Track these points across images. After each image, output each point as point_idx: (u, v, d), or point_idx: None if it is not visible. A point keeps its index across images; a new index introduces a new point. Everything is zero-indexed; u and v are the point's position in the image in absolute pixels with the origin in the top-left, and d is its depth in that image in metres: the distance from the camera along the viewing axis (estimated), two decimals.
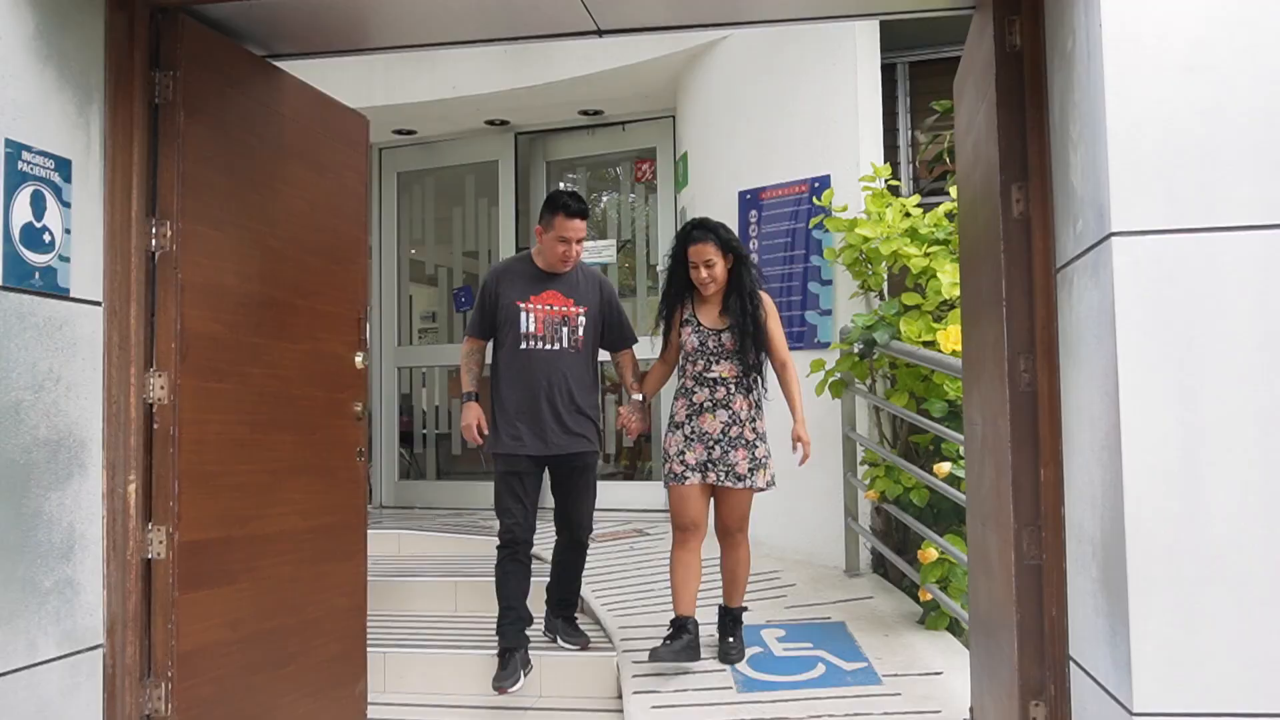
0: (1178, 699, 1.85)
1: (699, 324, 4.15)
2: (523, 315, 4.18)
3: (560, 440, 4.19)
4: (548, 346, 4.18)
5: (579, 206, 4.23)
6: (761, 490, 4.11)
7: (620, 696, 4.12)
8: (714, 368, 4.10)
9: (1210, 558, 1.86)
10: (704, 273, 4.08)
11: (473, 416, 4.20)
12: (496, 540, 4.25)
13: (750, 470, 4.08)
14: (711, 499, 4.16)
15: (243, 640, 3.05)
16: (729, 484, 4.06)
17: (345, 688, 3.55)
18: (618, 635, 4.51)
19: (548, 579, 4.51)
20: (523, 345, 4.17)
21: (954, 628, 4.62)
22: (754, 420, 4.11)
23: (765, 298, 4.17)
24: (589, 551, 4.52)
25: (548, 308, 4.20)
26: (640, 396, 4.33)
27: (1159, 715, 1.86)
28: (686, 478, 4.09)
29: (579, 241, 4.24)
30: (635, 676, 4.09)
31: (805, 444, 4.11)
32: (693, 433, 4.11)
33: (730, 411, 4.07)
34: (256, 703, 3.11)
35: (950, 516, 4.75)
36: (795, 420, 4.12)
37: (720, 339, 4.10)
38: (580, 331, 4.25)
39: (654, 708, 3.80)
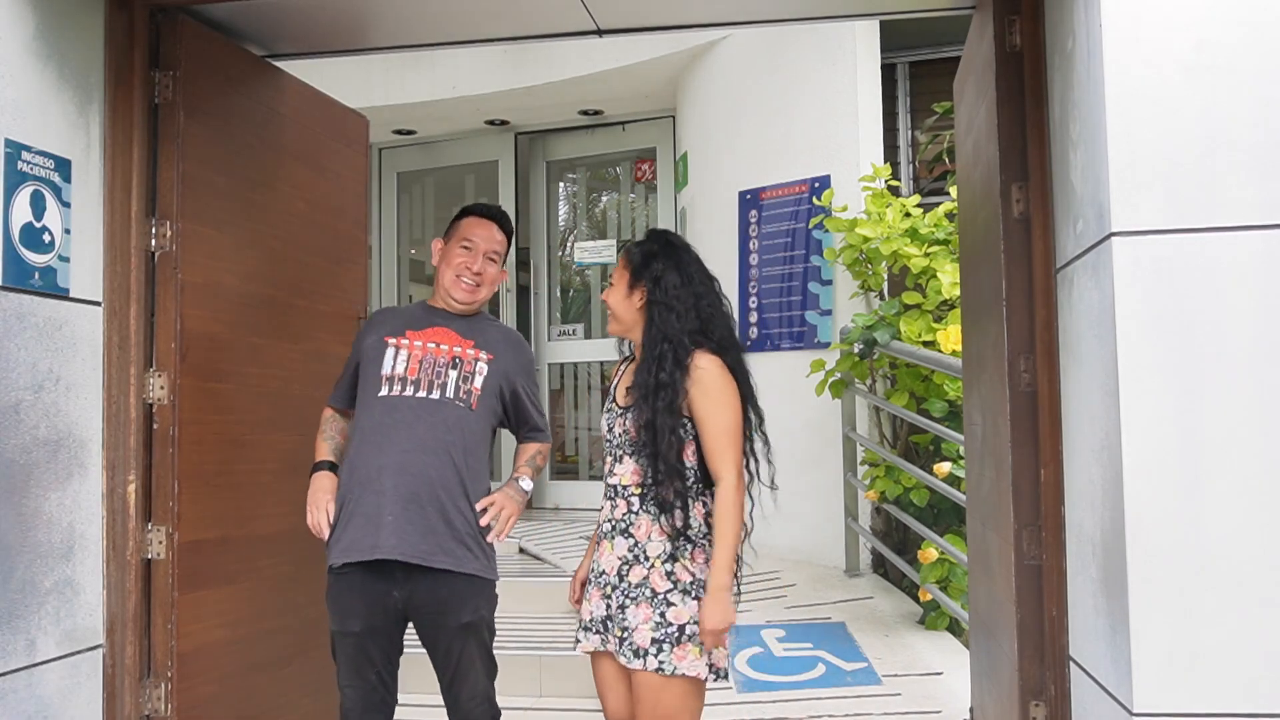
0: (1178, 699, 1.85)
1: (612, 399, 2.67)
2: (388, 353, 2.76)
3: (414, 541, 2.61)
4: (421, 394, 2.70)
5: (495, 211, 2.93)
6: (693, 678, 2.45)
7: None
8: (616, 469, 2.59)
9: (1210, 558, 1.86)
10: (604, 295, 2.70)
11: (322, 494, 2.73)
12: None
13: (657, 643, 2.43)
14: None
15: (243, 640, 3.05)
16: (624, 659, 2.47)
17: None
18: None
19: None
20: (382, 391, 2.72)
21: (954, 628, 4.62)
22: (673, 559, 2.47)
23: (707, 362, 2.52)
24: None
25: (430, 345, 2.77)
26: (526, 482, 2.85)
27: (1159, 715, 1.86)
28: (578, 639, 2.62)
29: (491, 258, 2.84)
30: None
31: (708, 636, 2.42)
32: (594, 569, 2.62)
33: (631, 541, 2.52)
34: (256, 703, 3.10)
35: (950, 516, 4.75)
36: (709, 584, 2.45)
37: (625, 423, 2.56)
38: (477, 380, 2.75)
39: None
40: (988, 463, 2.84)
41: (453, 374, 2.74)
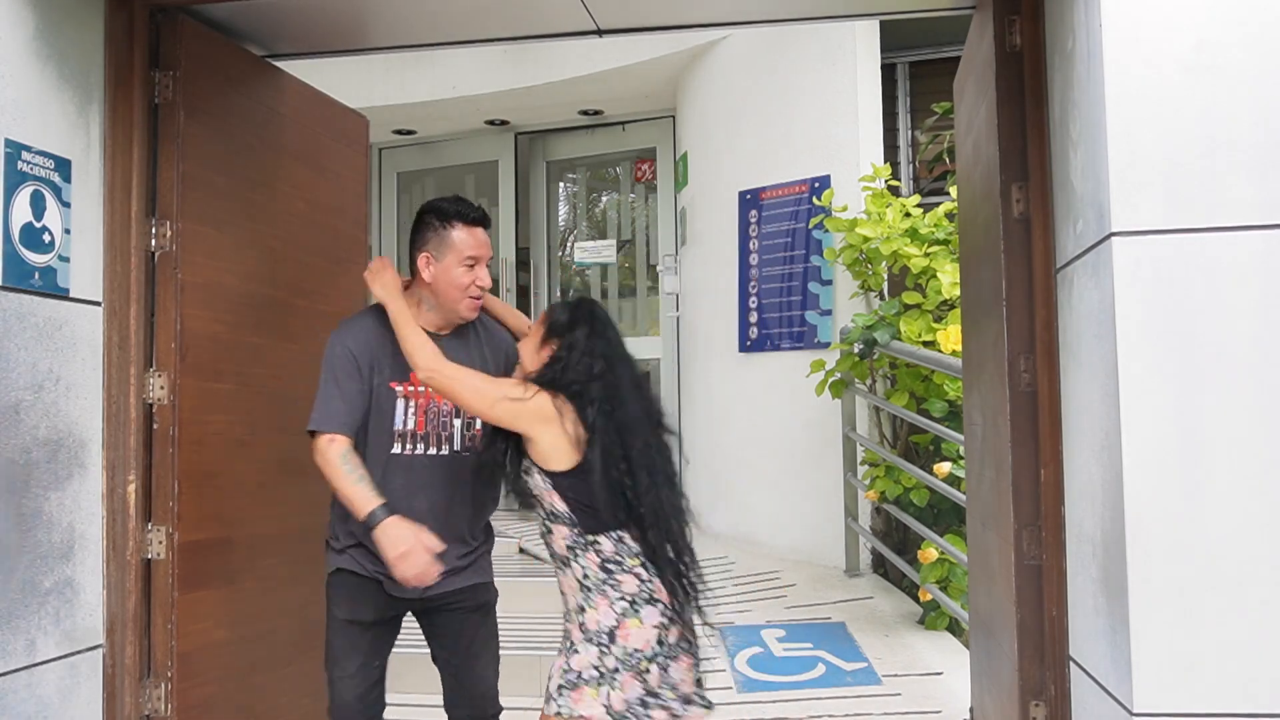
0: (1178, 699, 1.85)
1: None
2: (399, 406, 2.69)
3: (444, 579, 2.65)
4: (431, 451, 2.71)
5: (479, 212, 2.77)
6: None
7: None
8: None
9: (1210, 558, 1.86)
10: (520, 343, 2.79)
11: (413, 538, 2.50)
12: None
13: (561, 689, 2.43)
14: None
15: (243, 640, 3.05)
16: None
17: None
18: None
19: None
20: (395, 449, 2.69)
21: (954, 628, 4.62)
22: (583, 609, 2.45)
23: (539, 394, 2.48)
24: None
25: (430, 389, 2.68)
26: None
27: (1159, 715, 1.86)
28: None
29: (487, 264, 2.77)
30: None
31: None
32: None
33: (563, 598, 2.53)
34: (256, 703, 3.10)
35: (950, 516, 4.75)
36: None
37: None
38: (479, 423, 2.71)
39: None
40: (988, 463, 2.84)
41: (457, 423, 2.73)
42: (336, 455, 2.58)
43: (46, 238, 2.56)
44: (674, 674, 2.43)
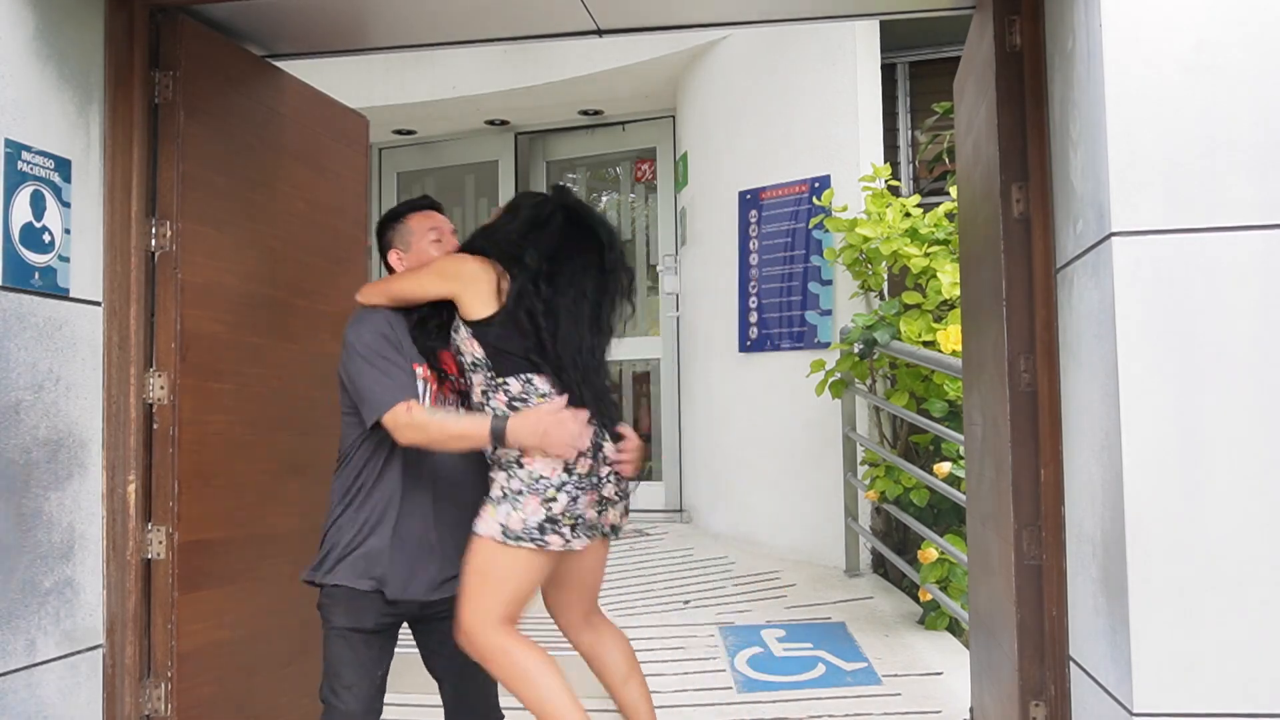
0: (1178, 699, 1.85)
1: None
2: (418, 389, 2.64)
3: (446, 581, 2.65)
4: None
5: (427, 199, 2.92)
6: (498, 542, 2.48)
7: None
8: None
9: (1210, 558, 1.86)
10: None
11: (542, 417, 2.49)
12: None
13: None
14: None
15: (243, 640, 3.05)
16: None
17: None
18: None
19: None
20: None
21: (954, 628, 4.62)
22: (494, 445, 2.61)
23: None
24: None
25: (439, 376, 2.71)
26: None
27: (1159, 715, 1.86)
28: None
29: (453, 239, 2.84)
30: None
31: None
32: None
33: None
34: (256, 703, 3.10)
35: (950, 516, 4.75)
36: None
37: None
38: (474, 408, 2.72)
39: (654, 707, 3.79)
40: (988, 463, 2.84)
41: (461, 413, 2.70)
42: (422, 415, 2.53)
43: (46, 238, 2.56)
44: (581, 504, 2.50)
